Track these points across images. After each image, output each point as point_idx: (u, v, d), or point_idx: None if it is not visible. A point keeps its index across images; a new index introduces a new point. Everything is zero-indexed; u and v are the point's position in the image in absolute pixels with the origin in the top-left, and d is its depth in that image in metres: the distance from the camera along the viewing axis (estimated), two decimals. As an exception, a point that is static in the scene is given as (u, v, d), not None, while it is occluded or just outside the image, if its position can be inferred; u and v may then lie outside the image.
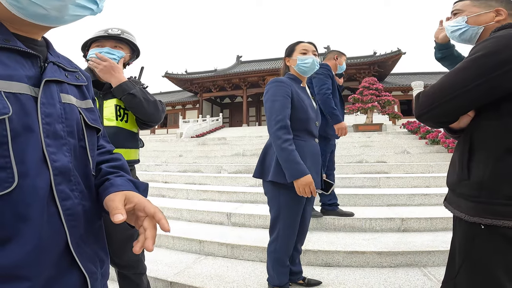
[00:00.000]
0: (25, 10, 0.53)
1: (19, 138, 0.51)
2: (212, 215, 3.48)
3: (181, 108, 28.15)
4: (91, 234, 0.64)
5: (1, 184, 0.49)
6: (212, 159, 7.31)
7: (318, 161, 1.80)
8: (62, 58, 0.69)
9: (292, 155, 1.56)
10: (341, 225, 2.98)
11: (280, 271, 1.78)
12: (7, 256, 0.49)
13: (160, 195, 4.73)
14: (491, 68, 0.79)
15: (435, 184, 4.15)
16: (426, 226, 2.88)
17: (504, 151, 0.79)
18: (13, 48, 0.54)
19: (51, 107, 0.58)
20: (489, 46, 0.83)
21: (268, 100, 1.70)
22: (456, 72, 0.86)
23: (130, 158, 1.45)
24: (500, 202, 0.77)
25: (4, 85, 0.51)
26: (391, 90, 21.27)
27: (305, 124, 1.73)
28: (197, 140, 11.10)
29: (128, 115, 1.48)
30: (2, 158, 0.49)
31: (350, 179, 4.40)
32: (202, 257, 2.71)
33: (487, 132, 0.84)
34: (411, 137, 8.26)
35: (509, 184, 0.77)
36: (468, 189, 0.85)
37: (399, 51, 20.82)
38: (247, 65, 28.06)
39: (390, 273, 2.23)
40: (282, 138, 1.59)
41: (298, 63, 1.79)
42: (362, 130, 11.16)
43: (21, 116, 0.52)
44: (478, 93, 0.82)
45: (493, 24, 1.01)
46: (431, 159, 5.68)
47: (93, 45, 1.49)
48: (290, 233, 1.74)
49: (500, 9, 1.00)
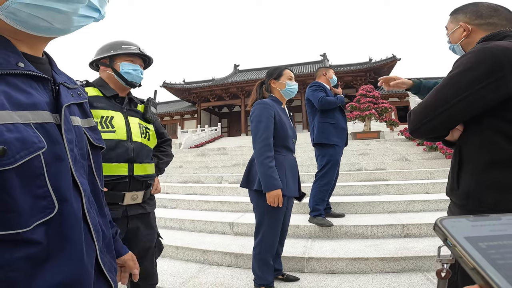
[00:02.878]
0: (25, 23, 0.52)
1: (52, 167, 0.53)
2: (214, 225, 3.50)
3: (179, 118, 28.19)
4: (105, 245, 0.71)
5: (43, 211, 0.52)
6: (212, 169, 7.33)
7: (296, 172, 2.07)
8: (64, 76, 0.68)
9: (269, 171, 1.82)
10: (343, 233, 3.02)
11: (265, 271, 1.98)
12: (62, 272, 0.53)
13: (162, 205, 4.75)
14: (467, 85, 0.82)
15: (434, 190, 4.19)
16: (427, 231, 2.92)
17: (487, 163, 0.83)
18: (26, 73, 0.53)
19: (70, 133, 0.60)
20: (464, 62, 0.85)
21: (253, 121, 1.96)
22: (438, 90, 0.90)
23: (149, 172, 1.48)
24: (484, 210, 0.82)
25: (32, 116, 0.52)
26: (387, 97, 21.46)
27: (284, 141, 1.99)
28: (196, 151, 11.13)
29: (149, 134, 1.53)
30: (40, 188, 0.51)
31: (350, 187, 4.44)
32: (206, 266, 2.73)
33: (472, 145, 0.88)
34: (409, 144, 8.33)
35: (492, 194, 0.82)
36: (458, 198, 0.90)
37: (394, 58, 21.09)
38: (244, 74, 28.28)
39: (393, 278, 2.26)
40: (264, 155, 1.85)
41: (287, 87, 2.08)
42: (361, 138, 11.22)
43: (51, 146, 0.54)
44: (459, 110, 0.85)
45: (466, 40, 1.03)
46: (429, 166, 5.74)
47: (126, 58, 1.47)
48: (273, 236, 1.95)
49: (462, 24, 1.02)
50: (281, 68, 2.14)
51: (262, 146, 1.86)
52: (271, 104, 1.99)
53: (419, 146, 7.68)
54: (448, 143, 1.01)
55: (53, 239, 0.52)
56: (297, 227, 3.12)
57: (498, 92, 0.79)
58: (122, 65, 1.45)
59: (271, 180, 1.81)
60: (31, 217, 0.50)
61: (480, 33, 0.99)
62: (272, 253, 2.00)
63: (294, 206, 3.57)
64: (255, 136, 1.92)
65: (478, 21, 1.00)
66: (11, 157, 0.47)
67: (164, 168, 1.77)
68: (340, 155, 3.23)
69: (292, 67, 26.83)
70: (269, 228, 1.93)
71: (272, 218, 1.92)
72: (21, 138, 0.48)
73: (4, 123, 0.47)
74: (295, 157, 2.12)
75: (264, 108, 1.95)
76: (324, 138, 3.15)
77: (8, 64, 0.51)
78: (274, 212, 1.90)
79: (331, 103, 3.11)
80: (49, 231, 0.52)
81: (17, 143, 0.48)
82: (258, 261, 1.98)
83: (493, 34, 0.92)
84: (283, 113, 2.07)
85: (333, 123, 3.16)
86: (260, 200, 1.92)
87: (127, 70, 1.44)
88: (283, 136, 1.98)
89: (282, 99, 2.12)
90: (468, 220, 0.30)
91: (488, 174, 0.83)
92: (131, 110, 1.49)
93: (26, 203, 0.49)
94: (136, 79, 1.48)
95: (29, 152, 0.49)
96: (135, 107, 1.55)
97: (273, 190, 1.81)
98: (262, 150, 1.86)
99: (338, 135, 3.15)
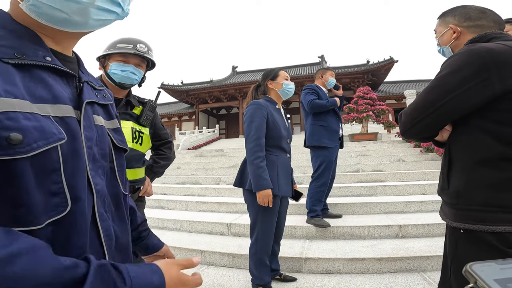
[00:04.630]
0: (45, 15, 0.51)
1: (69, 163, 0.51)
2: (212, 225, 3.50)
3: (177, 120, 28.19)
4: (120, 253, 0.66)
5: (55, 209, 0.49)
6: (210, 170, 7.33)
7: (289, 173, 2.07)
8: (91, 77, 0.67)
9: (259, 171, 1.84)
10: (340, 233, 3.03)
11: (262, 271, 2.00)
12: None
13: (160, 206, 4.74)
14: (455, 87, 0.84)
15: (430, 191, 4.22)
16: (424, 232, 2.94)
17: (475, 162, 0.85)
18: (53, 66, 0.53)
19: (90, 130, 0.58)
20: (451, 64, 0.87)
21: (246, 120, 1.98)
22: (426, 92, 0.92)
23: (137, 177, 1.47)
24: (475, 208, 0.84)
25: (52, 110, 0.50)
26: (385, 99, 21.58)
27: (277, 141, 2.01)
28: (194, 152, 11.12)
29: (143, 138, 1.50)
30: (55, 184, 0.49)
31: (348, 188, 4.46)
32: (204, 267, 2.73)
33: (460, 145, 0.90)
34: (406, 145, 8.36)
35: (481, 193, 0.83)
36: (449, 197, 0.92)
37: (391, 59, 21.20)
38: (242, 76, 28.33)
39: (390, 278, 2.28)
40: (254, 155, 1.87)
41: (284, 87, 2.10)
42: (358, 140, 11.26)
43: (69, 140, 0.51)
44: (445, 111, 0.87)
45: (455, 42, 1.04)
46: (426, 167, 5.77)
47: (117, 58, 1.40)
48: (268, 235, 1.97)
49: (451, 26, 1.04)
50: (277, 69, 2.17)
51: (253, 146, 1.88)
52: (264, 104, 2.01)
53: (415, 147, 7.71)
54: (438, 143, 1.03)
55: (58, 240, 0.49)
56: (295, 227, 3.13)
57: (484, 92, 0.81)
58: (111, 66, 1.39)
59: (260, 180, 1.83)
60: (43, 214, 0.47)
61: (469, 35, 1.01)
62: (268, 252, 2.01)
63: (291, 207, 3.59)
64: (247, 136, 1.94)
65: (467, 23, 1.02)
66: (27, 145, 0.44)
67: (161, 171, 1.74)
68: (333, 156, 3.24)
69: (290, 69, 26.91)
70: (262, 227, 1.95)
71: (265, 217, 1.94)
72: (39, 127, 0.46)
73: (21, 111, 0.45)
74: (289, 157, 2.13)
75: (256, 109, 1.96)
76: (315, 140, 3.18)
77: (35, 56, 0.51)
78: (267, 211, 1.93)
79: (321, 106, 3.13)
80: (56, 230, 0.49)
81: (35, 132, 0.45)
82: (255, 261, 2.00)
83: (479, 36, 0.94)
84: (277, 113, 2.09)
85: (325, 125, 3.19)
86: (254, 200, 1.93)
87: (114, 71, 1.39)
88: (276, 136, 1.99)
89: (278, 100, 2.14)
90: (497, 263, 0.33)
91: (477, 173, 0.84)
92: (126, 114, 1.46)
93: (39, 198, 0.46)
94: (125, 80, 1.41)
95: (48, 142, 0.47)
96: (132, 109, 1.51)
97: (262, 190, 1.83)
98: (253, 150, 1.88)
99: (329, 138, 3.17)
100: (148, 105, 1.56)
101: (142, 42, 1.43)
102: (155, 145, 1.74)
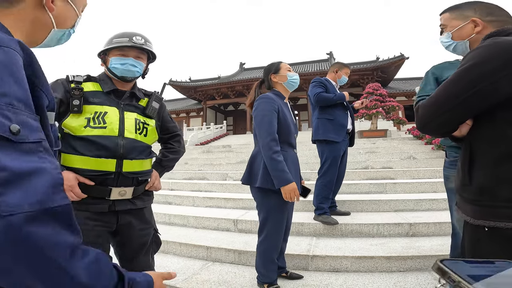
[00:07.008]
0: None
1: None
2: (218, 221, 3.48)
3: (185, 116, 28.30)
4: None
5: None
6: (217, 166, 7.32)
7: (297, 169, 2.03)
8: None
9: (280, 165, 1.77)
10: (349, 231, 2.97)
11: (270, 268, 1.96)
12: None
13: (167, 202, 4.75)
14: (480, 79, 0.81)
15: (442, 189, 4.08)
16: (435, 230, 2.86)
17: (500, 156, 0.81)
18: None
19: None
20: (476, 56, 0.84)
21: (258, 115, 1.89)
22: (449, 84, 0.88)
23: (141, 169, 1.44)
24: (500, 205, 0.79)
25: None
26: (395, 96, 21.23)
27: (286, 136, 1.94)
28: (201, 148, 11.13)
29: (148, 129, 1.48)
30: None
31: (357, 185, 4.38)
32: (210, 263, 2.71)
33: (484, 139, 0.86)
34: (416, 142, 8.22)
35: (507, 188, 0.79)
36: (471, 193, 0.87)
37: (402, 56, 20.79)
38: (250, 72, 28.21)
39: (399, 277, 2.21)
40: (272, 149, 1.78)
41: (289, 79, 2.02)
42: (367, 137, 11.11)
43: None
44: (471, 103, 0.84)
45: (476, 36, 1.01)
46: (437, 164, 5.64)
47: (115, 52, 1.41)
48: (278, 233, 1.93)
49: (475, 19, 1.00)
50: (277, 62, 2.10)
51: (269, 141, 1.80)
52: (274, 98, 1.94)
53: (427, 145, 7.56)
54: (455, 139, 0.99)
55: None
56: (302, 224, 3.08)
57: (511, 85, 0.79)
58: (111, 60, 1.41)
59: (283, 174, 1.76)
60: None
61: (489, 30, 0.98)
62: (277, 251, 1.98)
63: (298, 204, 3.54)
64: (261, 130, 1.85)
65: (489, 17, 0.99)
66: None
67: (170, 165, 1.70)
68: (340, 152, 3.15)
69: (298, 65, 26.70)
70: (274, 226, 1.90)
71: (277, 216, 1.89)
72: None
73: None
74: (296, 153, 2.07)
75: (267, 103, 1.89)
76: (320, 134, 3.11)
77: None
78: (279, 209, 1.87)
79: (327, 99, 3.05)
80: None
81: None
82: (263, 259, 1.95)
83: (498, 31, 0.92)
84: (286, 107, 2.03)
85: (331, 119, 3.10)
86: (264, 198, 1.88)
87: (114, 65, 1.40)
88: (286, 132, 1.93)
89: (285, 93, 2.07)
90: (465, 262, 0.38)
91: (503, 167, 0.80)
92: (130, 105, 1.45)
93: None
94: (126, 73, 1.42)
95: None
96: (138, 101, 1.51)
97: (287, 185, 1.76)
98: (270, 144, 1.79)
99: (335, 132, 3.08)
100: (153, 96, 1.55)
101: (138, 34, 1.44)
102: (163, 138, 1.71)
